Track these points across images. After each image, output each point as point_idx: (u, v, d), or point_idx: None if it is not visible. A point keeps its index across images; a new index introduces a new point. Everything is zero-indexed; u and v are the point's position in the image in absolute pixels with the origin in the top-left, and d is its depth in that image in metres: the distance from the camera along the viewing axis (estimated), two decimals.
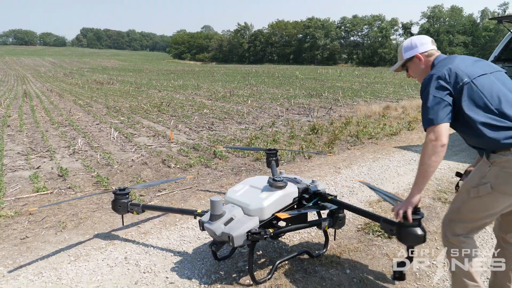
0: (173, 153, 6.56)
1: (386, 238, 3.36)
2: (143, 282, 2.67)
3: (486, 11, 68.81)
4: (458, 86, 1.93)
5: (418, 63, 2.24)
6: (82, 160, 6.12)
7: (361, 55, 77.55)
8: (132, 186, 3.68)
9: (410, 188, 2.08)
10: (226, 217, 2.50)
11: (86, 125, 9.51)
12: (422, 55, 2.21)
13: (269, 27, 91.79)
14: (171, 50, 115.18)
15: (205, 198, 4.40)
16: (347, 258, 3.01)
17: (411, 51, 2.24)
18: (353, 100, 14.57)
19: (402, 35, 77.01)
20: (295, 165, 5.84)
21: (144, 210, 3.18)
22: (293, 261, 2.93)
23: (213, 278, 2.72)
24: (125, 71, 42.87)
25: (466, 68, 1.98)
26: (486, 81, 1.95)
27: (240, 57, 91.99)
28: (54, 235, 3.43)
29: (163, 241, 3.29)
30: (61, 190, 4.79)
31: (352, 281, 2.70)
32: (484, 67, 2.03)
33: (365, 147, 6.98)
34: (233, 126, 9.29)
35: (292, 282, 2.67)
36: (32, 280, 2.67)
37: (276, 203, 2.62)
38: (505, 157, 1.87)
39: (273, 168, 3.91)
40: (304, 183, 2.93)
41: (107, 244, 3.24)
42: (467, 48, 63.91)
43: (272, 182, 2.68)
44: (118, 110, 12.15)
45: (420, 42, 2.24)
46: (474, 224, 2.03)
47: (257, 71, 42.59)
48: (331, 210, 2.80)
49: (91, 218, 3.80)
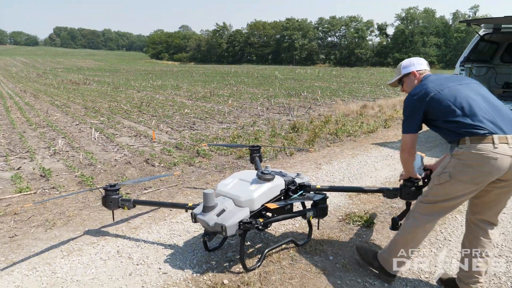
0: (156, 153, 6.62)
1: (366, 227, 3.56)
2: (137, 273, 2.77)
3: (457, 13, 71.09)
4: (427, 98, 2.33)
5: (412, 79, 2.62)
6: (64, 161, 6.11)
7: (339, 56, 78.67)
8: (122, 183, 3.76)
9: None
10: (218, 209, 2.63)
11: (65, 126, 9.41)
12: (418, 72, 2.60)
13: (248, 28, 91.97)
14: (148, 50, 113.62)
15: (192, 194, 4.51)
16: (330, 246, 3.19)
17: (408, 68, 2.64)
18: (331, 99, 14.88)
19: (377, 36, 78.63)
20: (277, 162, 6.00)
21: (135, 205, 3.27)
22: (280, 250, 3.09)
23: (204, 268, 2.84)
24: (101, 71, 42.13)
25: (437, 82, 2.39)
26: (454, 90, 2.31)
27: (218, 57, 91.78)
28: (44, 233, 3.47)
29: (153, 235, 3.39)
30: (44, 190, 4.79)
31: (335, 267, 2.88)
32: (455, 80, 2.42)
33: (344, 144, 7.23)
34: (215, 126, 9.39)
35: (280, 269, 2.82)
36: (27, 275, 2.73)
37: (265, 195, 2.78)
38: (461, 150, 2.19)
39: (257, 163, 4.06)
40: (290, 176, 3.10)
41: (98, 239, 3.31)
42: (440, 49, 65.84)
43: (260, 175, 2.84)
44: (97, 110, 12.04)
45: (417, 62, 2.65)
46: (436, 206, 2.38)
47: (236, 71, 42.68)
48: (314, 201, 2.97)
49: (79, 216, 3.85)
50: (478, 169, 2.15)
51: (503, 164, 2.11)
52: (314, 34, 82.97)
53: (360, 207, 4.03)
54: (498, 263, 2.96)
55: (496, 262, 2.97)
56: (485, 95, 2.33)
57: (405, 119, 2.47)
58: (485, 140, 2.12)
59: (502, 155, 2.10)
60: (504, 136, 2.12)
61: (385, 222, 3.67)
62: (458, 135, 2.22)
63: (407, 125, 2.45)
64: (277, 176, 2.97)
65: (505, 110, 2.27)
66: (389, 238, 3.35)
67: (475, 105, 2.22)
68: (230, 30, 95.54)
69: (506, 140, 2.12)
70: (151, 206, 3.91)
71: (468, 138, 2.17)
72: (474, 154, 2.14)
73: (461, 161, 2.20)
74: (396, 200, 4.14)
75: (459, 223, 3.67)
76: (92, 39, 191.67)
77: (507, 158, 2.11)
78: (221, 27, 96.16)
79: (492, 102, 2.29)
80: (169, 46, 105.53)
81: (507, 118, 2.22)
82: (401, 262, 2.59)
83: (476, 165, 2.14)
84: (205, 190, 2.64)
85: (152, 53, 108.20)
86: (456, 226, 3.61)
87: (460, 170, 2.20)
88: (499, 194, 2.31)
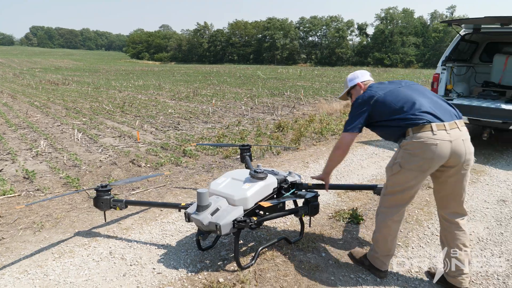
0: (141, 153, 6.56)
1: (355, 224, 3.63)
2: (131, 274, 2.75)
3: (435, 13, 72.65)
4: (372, 101, 2.55)
5: (359, 90, 2.83)
6: (47, 162, 5.99)
7: (320, 55, 79.32)
8: (114, 183, 3.72)
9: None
10: (212, 208, 2.65)
11: (46, 127, 9.21)
12: (362, 83, 2.83)
13: (229, 27, 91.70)
14: (128, 49, 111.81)
15: (181, 194, 4.49)
16: (322, 243, 3.25)
17: (354, 80, 2.88)
18: (314, 98, 15.01)
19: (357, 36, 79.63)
20: (264, 161, 6.04)
21: (127, 206, 3.25)
22: (273, 248, 3.12)
23: (198, 267, 2.85)
24: (80, 71, 41.29)
25: (381, 87, 2.64)
26: (395, 91, 2.56)
27: (200, 57, 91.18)
28: (32, 235, 3.41)
29: (145, 236, 3.37)
30: (29, 192, 4.69)
31: (328, 263, 2.94)
32: (396, 83, 2.67)
33: (329, 142, 7.32)
34: (200, 126, 9.36)
35: (274, 266, 2.86)
36: (18, 278, 2.68)
37: (258, 193, 2.81)
38: (406, 140, 2.39)
39: (247, 162, 4.08)
40: (282, 175, 3.13)
41: (89, 240, 3.27)
42: (418, 49, 67.10)
43: (253, 173, 2.86)
44: (78, 111, 11.82)
45: (361, 74, 2.90)
46: (395, 197, 2.54)
47: (218, 71, 42.51)
48: (306, 199, 3.02)
49: (68, 218, 3.79)
50: (422, 156, 2.33)
51: (443, 149, 2.29)
52: (296, 33, 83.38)
53: (349, 204, 4.10)
54: (483, 257, 3.07)
55: (482, 256, 3.08)
56: (424, 92, 2.58)
57: (349, 119, 2.65)
58: (424, 129, 2.33)
59: (442, 140, 2.29)
60: (442, 124, 2.33)
61: (374, 219, 3.73)
62: (402, 129, 2.42)
63: (350, 124, 2.63)
64: (269, 174, 3.00)
65: (444, 103, 2.53)
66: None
67: (415, 101, 2.44)
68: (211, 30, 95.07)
69: (444, 127, 2.32)
70: (143, 206, 3.89)
71: (411, 129, 2.37)
72: (416, 143, 2.33)
73: (407, 151, 2.39)
74: None
75: None
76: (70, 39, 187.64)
77: (447, 143, 2.30)
78: (202, 27, 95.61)
79: (431, 97, 2.53)
80: (150, 46, 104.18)
81: (445, 109, 2.45)
82: (388, 256, 2.70)
83: (420, 153, 2.33)
84: (199, 189, 2.65)
85: (132, 53, 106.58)
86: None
87: (407, 159, 2.39)
88: (454, 183, 2.47)
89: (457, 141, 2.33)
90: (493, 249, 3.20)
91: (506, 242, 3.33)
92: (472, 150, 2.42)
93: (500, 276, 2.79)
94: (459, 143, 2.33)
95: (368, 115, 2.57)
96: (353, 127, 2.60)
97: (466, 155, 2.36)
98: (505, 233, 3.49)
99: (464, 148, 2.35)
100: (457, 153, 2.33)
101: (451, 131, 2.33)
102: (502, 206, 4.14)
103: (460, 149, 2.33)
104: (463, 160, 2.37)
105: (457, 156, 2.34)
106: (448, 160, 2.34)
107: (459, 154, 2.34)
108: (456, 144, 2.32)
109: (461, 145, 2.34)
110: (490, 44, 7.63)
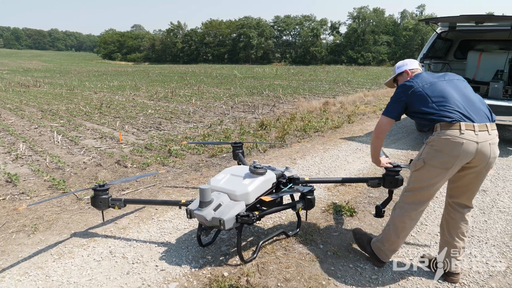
0: (126, 154, 6.49)
1: (349, 216, 3.75)
2: (134, 272, 2.76)
3: (405, 12, 74.55)
4: (410, 92, 2.57)
5: (405, 77, 2.83)
6: (28, 165, 5.85)
7: (294, 54, 79.94)
8: (110, 182, 3.69)
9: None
10: (215, 203, 2.69)
11: (23, 130, 8.95)
12: (410, 71, 2.83)
13: (203, 27, 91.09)
14: (100, 50, 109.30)
15: (174, 193, 4.49)
16: (318, 235, 3.34)
17: (402, 67, 2.88)
18: (293, 97, 15.18)
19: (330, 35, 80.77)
20: (251, 158, 6.09)
21: (126, 204, 3.24)
22: (273, 242, 3.19)
23: (201, 263, 2.88)
24: (50, 73, 40.04)
25: (423, 78, 2.62)
26: (435, 84, 2.56)
27: (174, 56, 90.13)
28: (27, 238, 3.34)
29: (143, 234, 3.37)
30: (14, 196, 4.58)
31: (326, 254, 3.03)
32: (439, 77, 2.66)
33: (313, 139, 7.45)
34: (181, 125, 9.32)
35: (275, 259, 2.93)
36: (20, 280, 2.64)
37: (259, 188, 2.87)
38: (432, 137, 2.44)
39: (241, 159, 4.13)
40: (279, 170, 3.21)
41: (88, 241, 3.24)
42: (390, 47, 68.71)
43: (253, 169, 2.92)
44: (55, 113, 11.52)
45: (409, 62, 2.90)
46: (416, 193, 2.57)
47: (193, 71, 42.20)
48: (302, 193, 3.10)
49: (61, 219, 3.73)
50: (447, 153, 2.37)
51: (468, 149, 2.34)
52: (270, 32, 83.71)
53: (340, 198, 4.22)
54: (471, 244, 3.24)
55: (469, 243, 3.25)
56: (462, 89, 2.56)
57: (390, 103, 2.70)
58: (452, 127, 2.37)
59: (468, 140, 2.33)
60: (471, 124, 2.36)
61: (365, 211, 3.88)
62: (431, 123, 2.47)
63: (389, 108, 2.68)
64: (268, 170, 3.07)
65: (479, 103, 2.52)
66: (371, 226, 3.56)
67: (449, 97, 2.46)
68: (185, 30, 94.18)
69: (472, 127, 2.35)
70: (142, 205, 3.88)
71: (439, 125, 2.41)
72: (443, 140, 2.38)
73: (433, 147, 2.43)
74: (373, 190, 4.39)
75: (432, 209, 3.95)
76: (38, 39, 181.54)
77: (473, 144, 2.34)
78: (176, 26, 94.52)
79: (467, 96, 2.53)
80: (122, 46, 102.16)
81: (478, 110, 2.47)
82: (394, 251, 2.78)
83: (445, 150, 2.37)
84: (201, 185, 2.69)
85: (104, 53, 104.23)
86: (430, 211, 3.89)
87: (432, 155, 2.43)
88: (472, 179, 2.53)
89: (484, 144, 2.35)
90: (479, 235, 3.38)
91: (490, 229, 3.52)
92: (497, 155, 2.45)
93: (488, 260, 2.96)
94: (485, 146, 2.36)
95: (406, 104, 2.61)
96: (390, 113, 2.66)
97: (490, 158, 2.40)
98: (489, 221, 3.69)
99: (490, 152, 2.38)
100: (482, 155, 2.37)
101: (480, 133, 2.35)
102: (484, 195, 4.36)
103: (485, 152, 2.37)
104: (486, 163, 2.41)
105: (481, 158, 2.38)
106: (472, 160, 2.38)
107: (483, 157, 2.38)
108: (482, 146, 2.35)
109: (487, 148, 2.37)
110: (463, 42, 7.97)
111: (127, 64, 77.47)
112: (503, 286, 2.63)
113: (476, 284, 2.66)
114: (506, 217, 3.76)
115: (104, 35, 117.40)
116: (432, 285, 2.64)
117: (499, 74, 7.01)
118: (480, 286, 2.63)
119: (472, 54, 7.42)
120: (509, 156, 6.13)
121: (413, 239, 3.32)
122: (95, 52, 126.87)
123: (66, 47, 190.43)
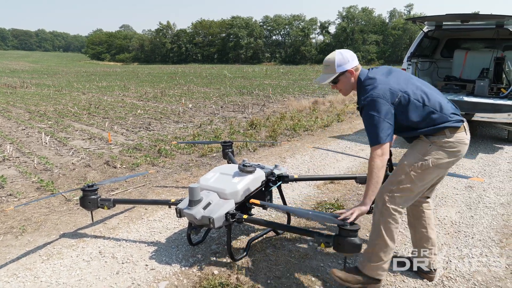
0: (115, 154, 6.45)
1: None
2: (124, 271, 2.75)
3: (394, 11, 75.16)
4: (395, 100, 2.25)
5: (349, 77, 2.41)
6: (16, 167, 5.78)
7: (284, 54, 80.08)
8: (100, 183, 3.67)
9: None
10: (204, 202, 2.69)
11: (10, 131, 8.83)
12: (354, 69, 2.40)
13: (192, 27, 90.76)
14: (88, 50, 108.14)
15: (164, 193, 4.48)
16: None
17: (344, 66, 2.38)
18: (283, 96, 15.23)
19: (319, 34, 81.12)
20: (241, 157, 6.10)
21: (115, 204, 3.23)
22: (262, 239, 3.20)
23: (191, 261, 2.89)
24: (38, 74, 39.55)
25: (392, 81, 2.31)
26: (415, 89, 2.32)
27: (163, 57, 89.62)
28: (15, 239, 3.31)
29: (133, 234, 3.36)
30: (1, 198, 4.52)
31: (316, 251, 3.06)
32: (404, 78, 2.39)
33: (303, 138, 7.49)
34: (171, 125, 9.29)
35: (265, 257, 2.94)
36: (8, 282, 2.61)
37: (248, 186, 2.88)
38: (444, 139, 2.30)
39: (231, 158, 4.15)
40: (269, 168, 3.22)
41: (77, 241, 3.22)
42: (379, 46, 69.20)
43: (242, 167, 2.93)
44: (42, 114, 11.39)
45: (351, 57, 2.41)
46: (410, 194, 2.36)
47: (183, 71, 42.05)
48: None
49: (49, 221, 3.70)
50: (457, 154, 2.35)
51: (466, 148, 2.40)
52: (260, 32, 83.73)
53: (329, 196, 4.26)
54: (458, 238, 3.29)
55: (455, 238, 3.30)
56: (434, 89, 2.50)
57: (375, 125, 2.22)
58: (460, 130, 2.33)
59: (468, 140, 2.39)
60: (464, 125, 2.38)
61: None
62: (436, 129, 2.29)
63: (381, 133, 2.21)
64: (257, 168, 3.08)
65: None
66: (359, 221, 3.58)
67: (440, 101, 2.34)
68: (174, 30, 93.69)
69: (465, 127, 2.39)
70: (132, 205, 3.87)
71: (448, 129, 2.29)
72: (456, 143, 2.31)
73: (446, 149, 2.30)
74: (362, 187, 4.43)
75: None
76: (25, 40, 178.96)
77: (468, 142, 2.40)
78: (165, 26, 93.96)
79: (438, 92, 2.49)
80: (110, 46, 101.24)
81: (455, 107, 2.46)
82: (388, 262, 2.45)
83: (457, 151, 2.33)
84: (190, 184, 2.69)
85: (92, 54, 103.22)
86: None
87: (443, 156, 2.30)
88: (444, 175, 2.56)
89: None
90: (466, 230, 3.44)
91: (477, 224, 3.58)
92: None
93: (474, 255, 3.01)
94: None
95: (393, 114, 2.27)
96: (387, 136, 2.22)
97: None
98: (475, 216, 3.75)
99: None
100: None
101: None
102: (470, 191, 4.44)
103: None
104: None
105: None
106: None
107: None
108: None
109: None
110: (450, 40, 8.09)
111: (115, 65, 76.80)
112: (489, 280, 2.68)
113: (463, 277, 2.70)
114: (492, 212, 3.84)
115: (92, 36, 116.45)
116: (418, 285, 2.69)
117: (485, 72, 7.14)
118: (466, 280, 2.68)
119: (458, 52, 7.54)
120: (494, 153, 6.24)
121: (401, 235, 3.35)
122: (83, 52, 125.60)
123: (53, 48, 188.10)
